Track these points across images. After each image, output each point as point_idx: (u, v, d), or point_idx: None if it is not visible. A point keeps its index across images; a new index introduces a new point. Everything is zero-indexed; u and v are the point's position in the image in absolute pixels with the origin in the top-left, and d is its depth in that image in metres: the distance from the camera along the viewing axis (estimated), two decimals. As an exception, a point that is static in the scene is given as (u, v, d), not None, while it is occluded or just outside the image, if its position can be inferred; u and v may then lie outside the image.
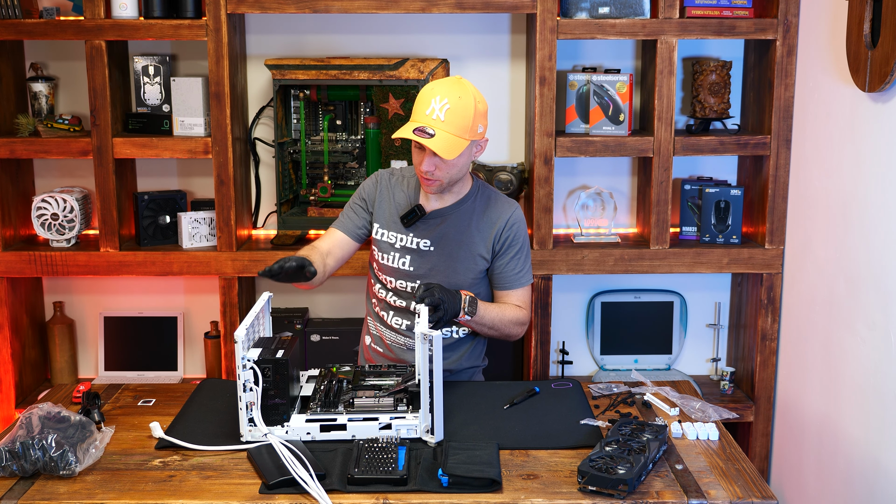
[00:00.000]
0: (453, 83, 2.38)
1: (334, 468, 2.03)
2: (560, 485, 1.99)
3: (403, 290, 2.54)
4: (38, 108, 3.20)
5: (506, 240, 2.52)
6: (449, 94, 2.34)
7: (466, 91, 2.36)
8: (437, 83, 2.39)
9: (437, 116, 2.32)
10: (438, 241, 2.51)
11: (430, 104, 2.33)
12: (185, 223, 3.16)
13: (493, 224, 2.52)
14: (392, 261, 2.53)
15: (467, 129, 2.35)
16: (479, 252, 2.52)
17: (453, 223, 2.51)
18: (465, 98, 2.35)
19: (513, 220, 2.53)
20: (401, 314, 2.58)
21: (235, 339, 2.09)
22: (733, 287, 3.43)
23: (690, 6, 3.01)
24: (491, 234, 2.52)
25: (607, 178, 3.37)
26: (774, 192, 3.08)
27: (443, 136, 2.32)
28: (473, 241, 2.51)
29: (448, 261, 2.51)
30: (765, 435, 3.21)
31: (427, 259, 2.51)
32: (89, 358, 3.46)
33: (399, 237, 2.53)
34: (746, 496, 1.96)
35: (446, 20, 3.23)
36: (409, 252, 2.52)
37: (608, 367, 3.41)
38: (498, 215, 2.53)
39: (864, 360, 2.50)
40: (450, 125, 2.33)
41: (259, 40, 3.25)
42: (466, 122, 2.35)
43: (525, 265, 2.56)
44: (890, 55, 2.28)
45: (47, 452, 2.01)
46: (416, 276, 2.52)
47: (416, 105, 2.39)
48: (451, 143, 2.33)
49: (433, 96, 2.34)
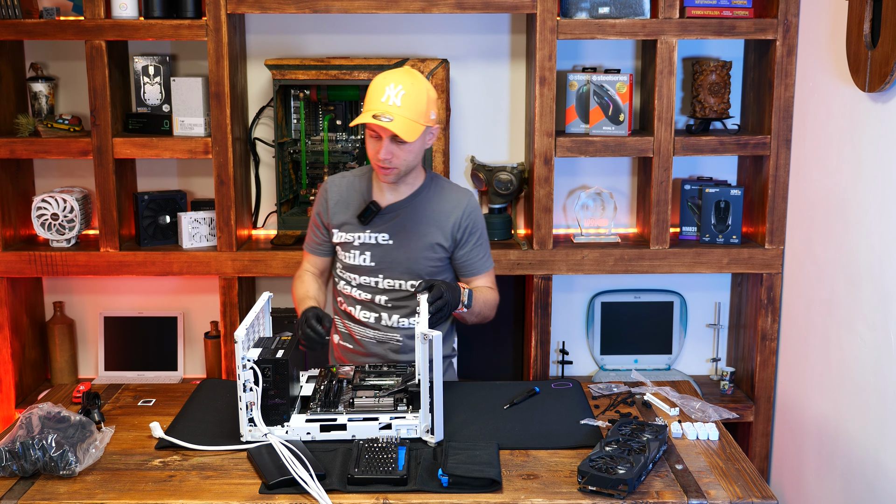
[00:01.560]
0: (405, 72, 2.42)
1: (334, 468, 2.03)
2: (560, 485, 1.99)
3: (367, 284, 2.56)
4: (38, 108, 3.20)
5: (466, 228, 2.54)
6: (402, 80, 2.37)
7: (419, 78, 2.41)
8: (389, 73, 2.42)
9: (394, 102, 2.35)
10: (396, 234, 2.52)
11: (384, 91, 2.36)
12: (185, 223, 3.16)
13: (451, 214, 2.53)
14: (354, 258, 2.55)
15: (423, 114, 2.38)
16: (437, 241, 2.52)
17: (409, 215, 2.52)
18: (419, 84, 2.39)
19: (470, 209, 2.55)
20: (367, 308, 2.58)
21: (235, 339, 2.09)
22: (733, 287, 3.43)
23: (690, 6, 3.01)
24: (449, 223, 2.53)
25: (607, 178, 3.37)
26: (774, 192, 3.08)
27: (401, 120, 2.34)
28: (431, 230, 2.52)
29: (407, 252, 2.51)
30: (765, 435, 3.21)
31: (387, 252, 2.52)
32: (89, 358, 3.46)
33: (357, 235, 2.54)
34: (746, 496, 1.96)
35: (446, 20, 3.23)
36: (369, 248, 2.53)
37: (608, 367, 3.41)
38: (454, 205, 2.54)
39: (864, 360, 2.49)
40: (406, 109, 2.35)
41: (259, 40, 3.25)
42: (421, 106, 2.38)
43: (487, 249, 2.61)
44: (890, 55, 2.28)
45: (47, 452, 2.01)
46: (378, 269, 2.53)
47: (369, 95, 2.40)
48: (410, 126, 2.36)
49: (387, 84, 2.37)
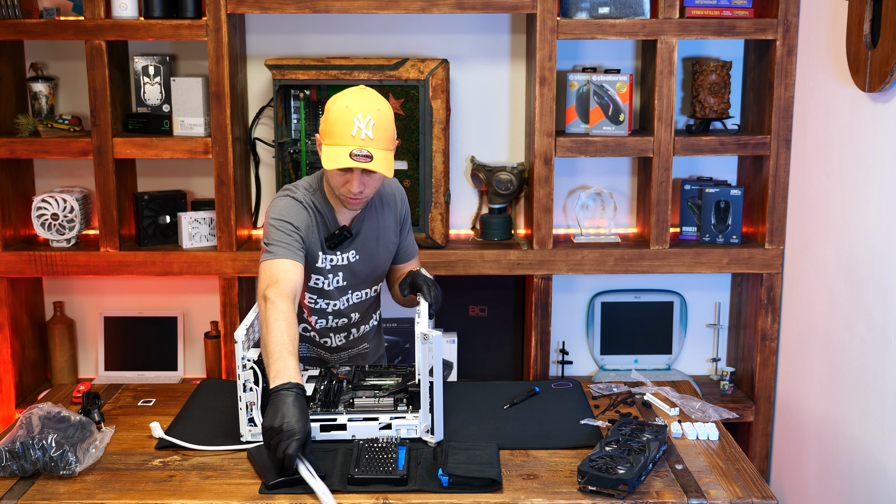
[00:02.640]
0: (366, 96, 2.25)
1: (334, 468, 2.03)
2: (560, 485, 2.00)
3: (340, 309, 2.49)
4: (38, 108, 3.20)
5: (403, 216, 2.53)
6: (369, 108, 2.21)
7: (381, 101, 2.25)
8: (350, 98, 2.23)
9: (367, 135, 2.19)
10: (361, 248, 2.45)
11: (353, 124, 2.18)
12: (185, 223, 3.16)
13: (392, 205, 2.50)
14: (328, 284, 2.44)
15: (391, 140, 2.27)
16: (391, 240, 2.51)
17: (368, 226, 2.45)
18: (384, 109, 2.24)
19: (402, 195, 2.53)
20: (341, 331, 2.53)
21: (235, 339, 2.09)
22: (733, 287, 3.43)
23: (690, 6, 3.01)
24: (395, 215, 2.51)
25: (607, 178, 3.37)
26: (774, 192, 3.08)
27: (380, 155, 2.21)
28: (386, 232, 2.49)
29: (371, 261, 2.47)
30: (765, 435, 3.21)
31: (355, 270, 2.46)
32: (89, 358, 3.46)
33: (329, 258, 2.41)
34: (746, 496, 1.96)
35: (446, 20, 3.23)
36: (341, 269, 2.44)
37: (608, 367, 3.41)
38: (392, 196, 2.50)
39: (864, 360, 2.49)
40: (380, 141, 2.22)
41: (259, 40, 3.25)
42: (391, 132, 2.26)
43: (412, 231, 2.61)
44: (890, 55, 2.28)
45: (47, 452, 2.01)
46: (349, 287, 2.47)
47: (332, 126, 2.22)
48: (388, 158, 2.24)
49: (353, 115, 2.19)
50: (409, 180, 3.14)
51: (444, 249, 3.14)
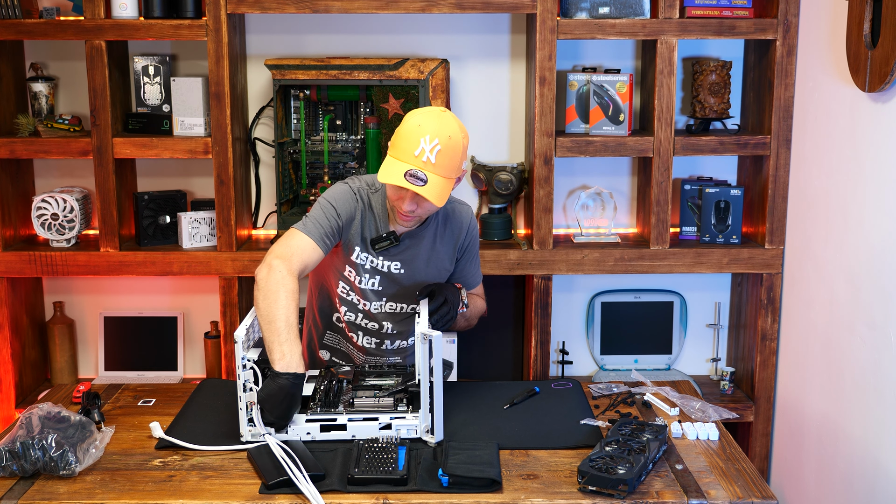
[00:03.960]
0: (442, 120, 2.20)
1: (334, 468, 2.03)
2: (560, 485, 1.99)
3: (373, 311, 2.47)
4: (38, 108, 3.20)
5: (467, 246, 2.50)
6: (439, 133, 2.16)
7: (455, 129, 2.20)
8: (425, 118, 2.20)
9: (428, 158, 2.15)
10: (408, 263, 2.42)
11: (419, 144, 2.15)
12: (185, 223, 3.16)
13: (456, 234, 2.47)
14: (364, 282, 2.42)
15: (456, 169, 2.21)
16: (444, 267, 2.47)
17: (421, 244, 2.42)
18: (455, 137, 2.19)
19: (472, 226, 2.50)
20: (371, 334, 2.52)
21: (235, 339, 2.09)
22: (733, 287, 3.43)
23: (690, 6, 3.01)
24: (455, 244, 2.48)
25: (607, 178, 3.37)
26: (774, 192, 3.08)
27: (435, 181, 2.17)
28: (440, 256, 2.45)
29: (416, 278, 2.44)
30: (765, 435, 3.21)
31: (396, 280, 2.43)
32: (89, 358, 3.46)
33: (370, 259, 2.40)
34: (746, 496, 1.96)
35: (446, 20, 3.23)
36: (379, 273, 2.42)
37: (608, 367, 3.41)
38: (459, 225, 2.47)
39: (864, 360, 2.49)
40: (441, 168, 2.17)
41: (259, 40, 3.25)
42: (456, 162, 2.20)
43: (478, 265, 2.58)
44: (890, 55, 2.28)
45: (47, 452, 2.01)
46: (383, 294, 2.44)
47: (400, 141, 2.20)
48: (443, 187, 2.19)
49: (422, 135, 2.16)
50: (409, 180, 3.13)
51: (444, 249, 3.14)
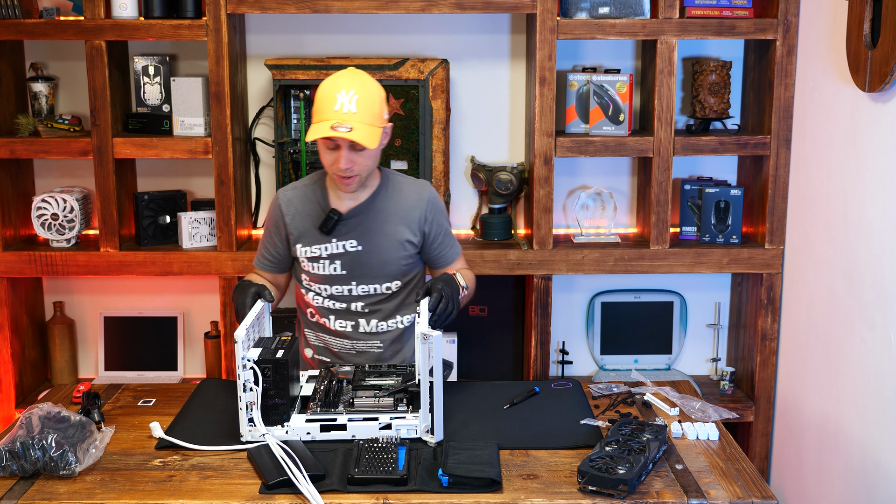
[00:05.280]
0: (352, 75, 2.33)
1: (334, 468, 2.03)
2: (560, 485, 2.00)
3: (341, 294, 2.51)
4: (38, 108, 3.20)
5: (432, 220, 2.50)
6: (353, 84, 2.29)
7: (368, 79, 2.34)
8: (336, 78, 2.32)
9: (349, 109, 2.26)
10: (364, 238, 2.46)
11: (336, 99, 2.27)
12: (185, 223, 3.16)
13: (415, 208, 2.48)
14: (323, 269, 2.49)
15: (378, 116, 2.32)
16: (405, 238, 2.48)
17: (373, 217, 2.47)
18: (370, 85, 2.32)
19: (431, 200, 2.51)
20: (343, 317, 2.54)
21: (235, 339, 2.10)
22: (733, 287, 3.43)
23: (690, 6, 3.01)
24: (415, 218, 2.48)
25: (607, 178, 3.37)
26: (774, 192, 3.08)
27: (361, 128, 2.27)
28: (398, 228, 2.47)
29: (378, 254, 2.47)
30: (765, 435, 3.21)
31: (357, 258, 2.47)
32: (89, 358, 3.46)
33: (324, 247, 2.47)
34: (746, 496, 1.96)
35: (446, 20, 3.23)
36: (339, 257, 2.47)
37: (608, 367, 3.41)
38: (416, 199, 2.49)
39: (864, 360, 2.49)
40: (363, 115, 2.28)
41: (259, 40, 3.24)
42: (376, 108, 2.31)
43: (452, 236, 2.58)
44: (890, 55, 2.28)
45: (47, 452, 2.01)
46: (351, 277, 2.48)
47: (319, 104, 2.31)
48: (371, 132, 2.29)
49: (337, 91, 2.28)
50: (409, 180, 3.14)
51: (444, 249, 3.14)
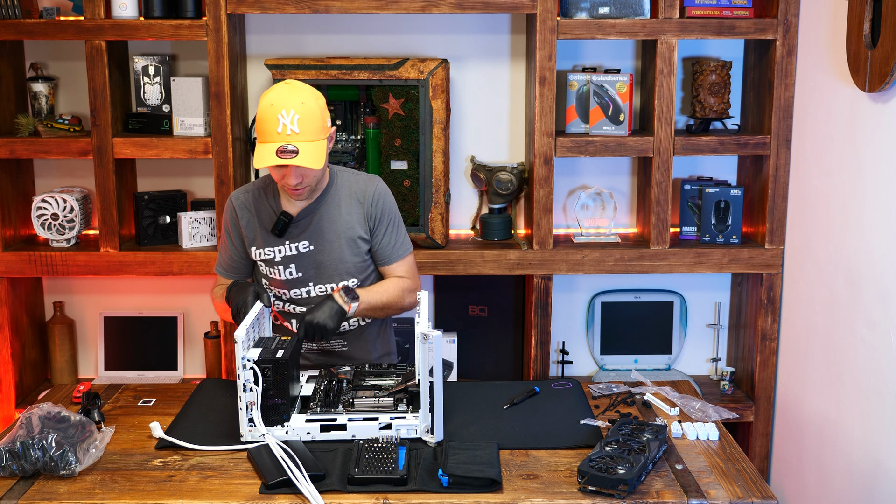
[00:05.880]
0: (291, 91, 2.30)
1: (334, 468, 2.03)
2: (560, 485, 2.00)
3: (300, 297, 2.50)
4: (38, 108, 3.20)
5: (377, 215, 2.49)
6: (291, 103, 2.27)
7: (306, 94, 2.31)
8: (275, 95, 2.29)
9: (292, 130, 2.26)
10: (316, 238, 2.46)
11: (277, 121, 2.25)
12: (185, 223, 3.16)
13: (361, 203, 2.48)
14: (280, 273, 2.48)
15: (321, 129, 2.32)
16: (358, 235, 2.47)
17: (324, 216, 2.46)
18: (308, 102, 2.29)
19: (378, 194, 2.49)
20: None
21: (235, 339, 2.10)
22: (733, 287, 3.43)
23: (690, 6, 3.01)
24: (362, 212, 2.48)
25: (607, 178, 3.37)
26: (774, 192, 3.08)
27: (306, 148, 2.26)
28: (349, 225, 2.47)
29: (331, 253, 2.46)
30: (765, 435, 3.21)
31: (311, 259, 2.46)
32: (89, 358, 3.46)
33: (277, 249, 2.46)
34: (746, 496, 1.96)
35: (446, 20, 3.23)
36: (293, 259, 2.46)
37: (608, 367, 3.41)
38: (363, 193, 2.49)
39: (864, 360, 2.50)
40: (306, 134, 2.27)
41: (259, 40, 3.25)
42: (317, 122, 2.30)
43: (400, 236, 2.54)
44: (890, 55, 2.28)
45: (47, 452, 2.01)
46: (308, 279, 2.48)
47: (261, 124, 2.29)
48: (315, 150, 2.28)
49: (277, 112, 2.26)
50: (408, 180, 3.14)
51: (444, 249, 3.14)
